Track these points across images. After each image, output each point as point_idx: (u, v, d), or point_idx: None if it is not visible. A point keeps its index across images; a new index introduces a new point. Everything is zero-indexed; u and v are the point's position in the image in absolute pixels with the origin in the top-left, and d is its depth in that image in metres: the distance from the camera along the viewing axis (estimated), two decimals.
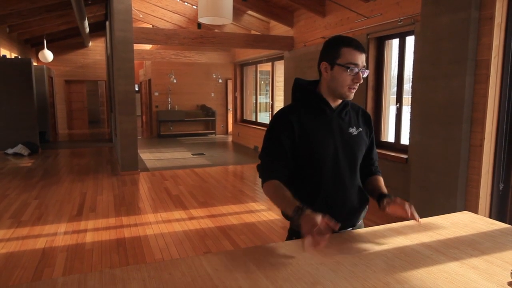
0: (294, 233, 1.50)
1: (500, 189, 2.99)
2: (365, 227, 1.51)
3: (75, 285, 1.00)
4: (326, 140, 1.40)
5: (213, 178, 6.17)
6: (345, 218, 1.44)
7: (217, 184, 5.74)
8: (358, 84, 1.37)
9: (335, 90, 1.39)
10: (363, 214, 1.51)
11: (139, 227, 3.84)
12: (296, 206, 1.23)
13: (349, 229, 1.47)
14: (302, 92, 1.47)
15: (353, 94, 1.39)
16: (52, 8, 7.79)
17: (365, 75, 1.37)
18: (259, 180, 1.45)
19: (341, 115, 1.44)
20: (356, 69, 1.34)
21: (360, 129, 1.48)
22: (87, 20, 8.47)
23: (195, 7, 8.55)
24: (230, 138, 11.64)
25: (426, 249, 1.25)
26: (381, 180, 1.54)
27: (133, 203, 4.72)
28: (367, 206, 1.52)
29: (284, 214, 1.53)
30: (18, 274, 2.82)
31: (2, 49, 8.56)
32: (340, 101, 1.45)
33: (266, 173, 1.41)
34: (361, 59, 1.35)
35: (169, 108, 12.15)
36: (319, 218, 1.15)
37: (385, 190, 1.48)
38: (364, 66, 1.36)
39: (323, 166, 1.39)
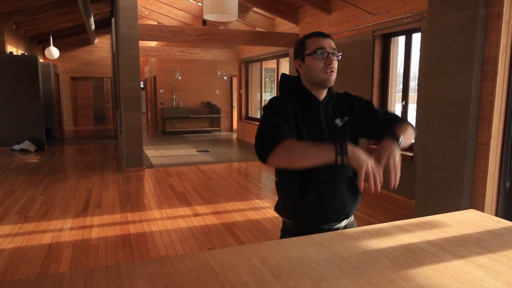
0: (287, 232, 1.49)
1: (507, 187, 2.97)
2: (368, 224, 1.51)
3: (81, 279, 1.01)
4: (314, 133, 1.40)
5: (218, 175, 6.18)
6: (337, 209, 1.44)
7: (221, 181, 5.75)
8: (332, 67, 1.36)
9: (313, 79, 1.39)
10: (356, 205, 1.50)
11: (144, 223, 3.86)
12: (335, 144, 1.20)
13: (344, 221, 1.48)
14: (289, 86, 1.48)
15: (332, 77, 1.38)
16: (58, 5, 7.83)
17: (338, 58, 1.39)
18: (264, 177, 1.44)
19: (327, 107, 1.44)
20: (325, 53, 1.36)
21: (346, 117, 1.46)
22: (93, 17, 8.50)
23: (200, 4, 8.55)
24: (234, 135, 11.65)
25: (432, 246, 1.24)
26: (400, 126, 1.40)
27: (138, 199, 4.74)
28: (359, 198, 1.51)
29: (278, 210, 1.52)
30: (24, 269, 2.85)
31: (8, 46, 8.62)
32: (325, 94, 1.45)
33: (274, 138, 1.26)
34: (327, 43, 1.37)
35: (174, 105, 12.17)
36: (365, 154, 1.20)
37: (398, 131, 1.34)
38: (333, 49, 1.37)
39: None
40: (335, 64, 1.38)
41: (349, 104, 1.49)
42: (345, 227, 1.49)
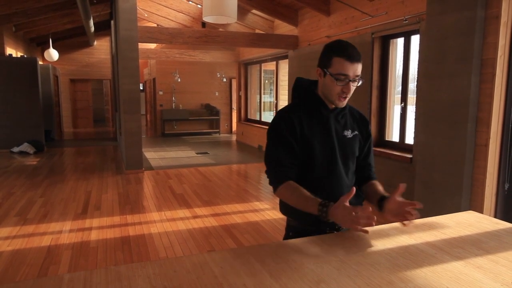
0: (291, 229, 1.51)
1: (506, 188, 2.97)
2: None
3: (81, 281, 1.01)
4: (323, 141, 1.42)
5: (217, 177, 6.18)
6: None
7: (221, 183, 5.75)
8: (348, 94, 1.37)
9: (327, 96, 1.42)
10: None
11: (144, 226, 3.86)
12: (320, 203, 1.27)
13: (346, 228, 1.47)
14: (301, 92, 1.49)
15: (344, 102, 1.41)
16: (58, 7, 7.83)
17: (358, 84, 1.37)
18: (263, 179, 1.46)
19: (337, 118, 1.46)
20: (346, 80, 1.34)
21: (356, 132, 1.50)
22: (92, 19, 8.50)
23: (199, 6, 8.56)
24: (234, 137, 11.65)
25: (431, 248, 1.24)
26: (379, 185, 1.55)
27: (137, 201, 4.74)
28: (362, 204, 1.52)
29: (282, 210, 1.53)
30: (24, 271, 2.84)
31: (8, 48, 8.62)
32: None
33: (277, 176, 1.39)
34: (353, 69, 1.33)
35: (174, 107, 12.17)
36: (347, 208, 1.20)
37: (385, 193, 1.46)
38: (357, 76, 1.34)
39: (320, 166, 1.41)
40: (352, 90, 1.37)
41: (361, 124, 1.53)
42: None
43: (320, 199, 1.29)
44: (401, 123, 4.98)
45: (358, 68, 1.34)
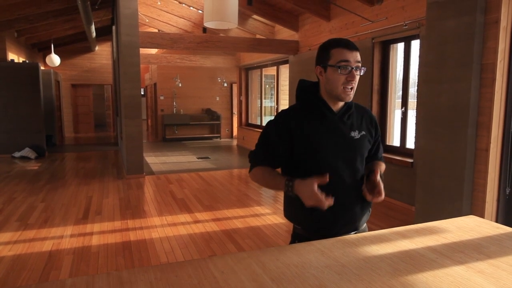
0: (297, 237, 1.50)
1: (507, 193, 2.97)
2: (369, 230, 1.51)
3: (83, 286, 1.02)
4: (326, 144, 1.39)
5: (218, 181, 6.18)
6: (347, 222, 1.44)
7: (222, 188, 5.75)
8: (353, 83, 1.34)
9: (331, 92, 1.37)
10: (365, 218, 1.50)
11: (145, 230, 3.86)
12: (286, 180, 1.34)
13: (352, 232, 1.47)
14: (304, 94, 1.46)
15: (350, 95, 1.36)
16: (59, 13, 7.88)
17: (361, 73, 1.35)
18: None
19: (343, 119, 1.42)
20: (348, 67, 1.32)
21: (363, 132, 1.46)
22: (94, 24, 8.56)
23: (200, 11, 8.61)
24: (235, 142, 11.66)
25: (431, 252, 1.24)
26: (379, 163, 1.55)
27: (138, 206, 4.74)
28: (369, 210, 1.51)
29: (288, 216, 1.54)
30: (25, 276, 2.84)
31: (10, 54, 8.66)
32: (342, 104, 1.43)
33: (256, 160, 1.48)
34: (353, 56, 1.32)
35: (175, 112, 12.20)
36: (312, 184, 1.26)
37: (377, 168, 1.45)
38: (358, 63, 1.33)
39: (322, 170, 1.38)
40: (357, 79, 1.35)
41: (370, 124, 1.50)
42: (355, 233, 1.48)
43: (287, 177, 1.35)
44: (401, 128, 4.99)
45: (358, 55, 1.33)
